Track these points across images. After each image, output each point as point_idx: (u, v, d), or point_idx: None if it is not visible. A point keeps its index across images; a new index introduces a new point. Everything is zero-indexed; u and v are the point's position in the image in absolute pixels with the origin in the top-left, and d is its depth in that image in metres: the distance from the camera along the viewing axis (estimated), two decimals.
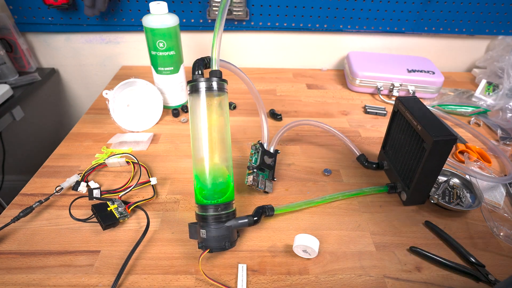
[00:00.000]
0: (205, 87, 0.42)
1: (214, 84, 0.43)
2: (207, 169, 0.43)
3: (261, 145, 0.57)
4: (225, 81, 0.44)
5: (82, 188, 0.52)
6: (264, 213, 0.47)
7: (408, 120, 0.49)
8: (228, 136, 0.45)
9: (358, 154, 0.60)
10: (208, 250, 0.41)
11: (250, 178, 0.52)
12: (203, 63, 0.44)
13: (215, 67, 0.43)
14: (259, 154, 0.55)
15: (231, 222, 0.43)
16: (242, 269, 0.41)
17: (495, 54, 0.91)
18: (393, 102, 0.81)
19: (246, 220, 0.44)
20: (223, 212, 0.42)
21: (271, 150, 0.58)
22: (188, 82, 0.43)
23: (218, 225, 0.42)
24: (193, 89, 0.43)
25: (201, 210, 0.43)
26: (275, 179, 0.54)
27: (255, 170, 0.53)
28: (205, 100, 0.42)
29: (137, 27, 0.89)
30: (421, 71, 0.84)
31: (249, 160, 0.55)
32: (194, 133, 0.43)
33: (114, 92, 0.65)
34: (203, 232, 0.42)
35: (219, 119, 0.43)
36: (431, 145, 0.43)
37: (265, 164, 0.54)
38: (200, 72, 0.44)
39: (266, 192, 0.53)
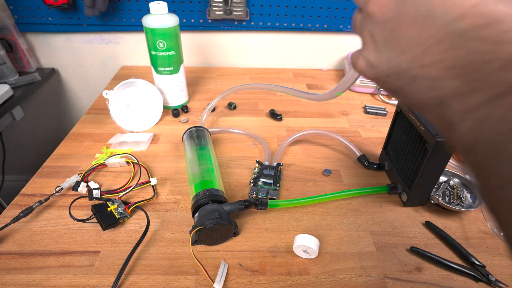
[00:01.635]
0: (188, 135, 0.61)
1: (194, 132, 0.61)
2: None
3: (259, 162, 0.59)
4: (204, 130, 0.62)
5: (82, 188, 0.52)
6: (256, 203, 0.47)
7: (411, 120, 0.49)
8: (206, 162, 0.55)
9: (358, 154, 0.60)
10: (201, 227, 0.42)
11: (249, 190, 0.54)
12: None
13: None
14: (259, 169, 0.57)
15: (221, 204, 0.46)
16: (223, 266, 0.42)
17: None
18: (393, 102, 0.81)
19: (237, 204, 0.46)
20: (212, 194, 0.46)
21: (274, 164, 0.58)
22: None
23: (210, 204, 0.45)
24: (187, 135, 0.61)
25: (194, 200, 0.47)
26: (278, 186, 0.54)
27: (251, 182, 0.55)
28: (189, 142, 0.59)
29: (137, 27, 0.89)
30: None
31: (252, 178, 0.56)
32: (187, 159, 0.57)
33: (114, 92, 0.65)
34: (196, 216, 0.44)
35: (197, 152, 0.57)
36: (434, 145, 0.43)
37: (264, 176, 0.55)
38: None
39: (272, 199, 0.52)
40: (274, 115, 0.74)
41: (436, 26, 0.20)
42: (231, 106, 0.77)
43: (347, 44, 0.97)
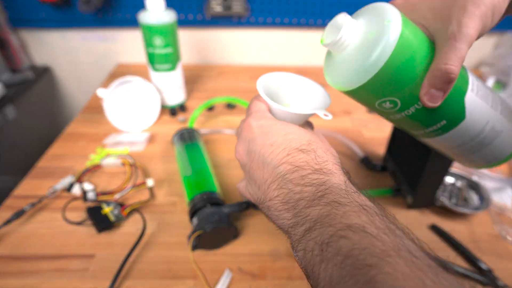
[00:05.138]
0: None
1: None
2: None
3: None
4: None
5: (77, 190, 0.51)
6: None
7: None
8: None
9: (361, 156, 0.59)
10: (201, 231, 0.40)
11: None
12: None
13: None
14: None
15: (221, 206, 0.45)
16: (227, 275, 0.40)
17: (504, 51, 0.89)
18: None
19: (236, 206, 0.45)
20: (209, 196, 0.45)
21: None
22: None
23: (208, 207, 0.44)
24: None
25: (191, 204, 0.45)
26: None
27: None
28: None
29: (134, 23, 0.87)
30: None
31: None
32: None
33: (110, 91, 0.64)
34: (194, 221, 0.42)
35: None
36: None
37: None
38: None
39: None
40: None
41: (269, 170, 0.27)
42: (231, 106, 0.76)
43: None
